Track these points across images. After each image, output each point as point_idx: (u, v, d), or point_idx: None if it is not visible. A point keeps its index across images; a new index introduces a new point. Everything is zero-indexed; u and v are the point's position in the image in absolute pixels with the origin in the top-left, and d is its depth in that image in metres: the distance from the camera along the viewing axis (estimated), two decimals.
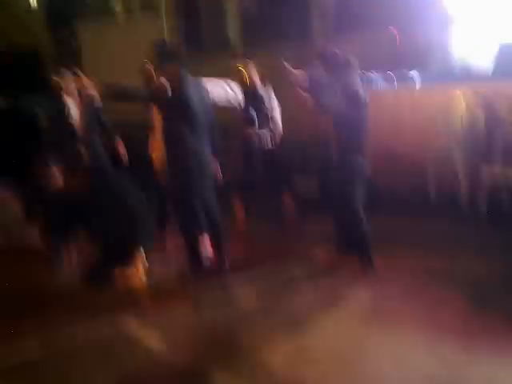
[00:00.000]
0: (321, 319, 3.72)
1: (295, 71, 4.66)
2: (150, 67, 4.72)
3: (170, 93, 4.66)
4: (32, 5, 15.56)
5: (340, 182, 4.58)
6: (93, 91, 4.81)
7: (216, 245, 4.95)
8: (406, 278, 4.31)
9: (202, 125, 4.82)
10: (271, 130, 6.22)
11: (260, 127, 6.22)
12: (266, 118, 6.20)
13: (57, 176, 5.01)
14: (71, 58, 8.47)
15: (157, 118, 5.04)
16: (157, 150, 5.15)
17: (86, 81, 4.96)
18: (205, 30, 12.21)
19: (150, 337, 3.62)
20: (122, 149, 5.70)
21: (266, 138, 6.22)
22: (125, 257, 4.60)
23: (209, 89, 5.12)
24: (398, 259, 4.64)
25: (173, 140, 4.80)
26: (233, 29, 11.44)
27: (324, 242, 4.97)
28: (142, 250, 4.66)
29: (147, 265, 4.63)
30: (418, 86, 6.61)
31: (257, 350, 3.37)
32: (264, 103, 6.18)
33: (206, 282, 4.48)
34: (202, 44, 10.30)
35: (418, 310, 3.80)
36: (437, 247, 4.84)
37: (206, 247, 4.91)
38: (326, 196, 4.95)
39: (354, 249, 4.68)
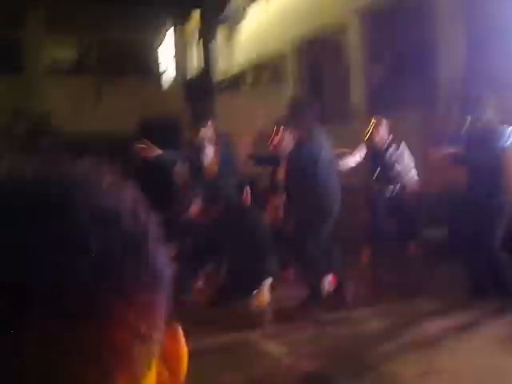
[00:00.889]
0: (452, 344, 3.58)
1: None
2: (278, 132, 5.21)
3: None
4: (172, 80, 17.29)
5: (480, 223, 4.44)
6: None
7: (337, 281, 5.02)
8: None
9: (327, 173, 5.01)
10: (397, 184, 6.29)
11: (386, 182, 6.33)
12: (392, 173, 6.30)
13: (195, 212, 5.43)
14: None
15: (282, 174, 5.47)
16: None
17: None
18: (328, 98, 12.76)
19: (277, 349, 3.65)
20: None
21: (391, 191, 6.31)
22: (253, 282, 4.82)
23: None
24: None
25: (299, 187, 5.05)
26: (356, 97, 11.79)
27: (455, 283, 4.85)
28: (268, 277, 4.84)
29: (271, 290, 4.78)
30: None
31: (382, 365, 3.29)
32: (390, 159, 6.31)
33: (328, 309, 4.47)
34: (325, 112, 10.71)
35: None
36: None
37: (327, 284, 5.00)
38: (461, 240, 4.80)
39: (496, 289, 4.46)
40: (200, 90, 11.40)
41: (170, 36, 18.13)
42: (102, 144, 12.28)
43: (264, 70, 16.04)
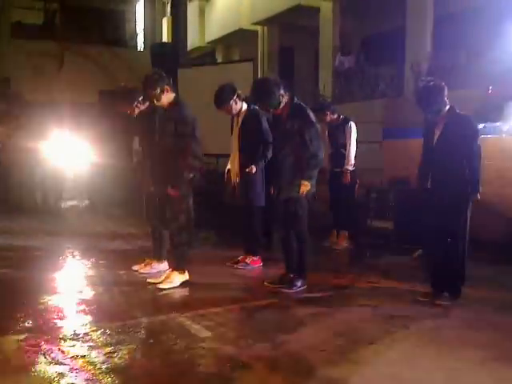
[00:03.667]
0: (372, 335, 3.47)
1: None
2: None
3: None
4: (139, 48, 16.90)
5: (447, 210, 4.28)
6: None
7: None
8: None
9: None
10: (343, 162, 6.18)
11: (334, 162, 6.26)
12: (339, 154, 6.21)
13: None
14: None
15: None
16: None
17: None
18: (297, 81, 12.69)
19: (202, 332, 3.50)
20: None
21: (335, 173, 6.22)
22: None
23: None
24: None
25: None
26: (324, 82, 11.75)
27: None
28: None
29: None
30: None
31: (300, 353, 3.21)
32: (338, 139, 6.24)
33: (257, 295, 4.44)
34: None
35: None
36: None
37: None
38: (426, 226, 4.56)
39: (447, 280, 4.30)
40: (166, 63, 11.16)
41: (140, 8, 17.78)
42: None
43: (234, 48, 15.89)
